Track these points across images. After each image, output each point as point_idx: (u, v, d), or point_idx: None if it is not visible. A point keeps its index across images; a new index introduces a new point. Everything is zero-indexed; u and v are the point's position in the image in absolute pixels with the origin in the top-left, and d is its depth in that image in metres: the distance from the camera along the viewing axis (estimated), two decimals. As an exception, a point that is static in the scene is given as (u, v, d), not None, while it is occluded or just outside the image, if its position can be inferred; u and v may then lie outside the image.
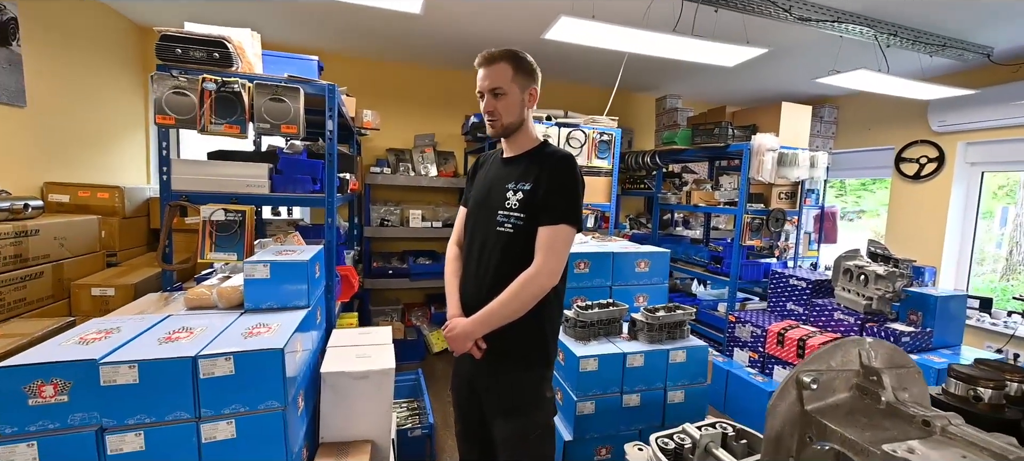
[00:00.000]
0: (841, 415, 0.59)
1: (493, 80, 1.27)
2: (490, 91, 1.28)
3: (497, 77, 1.27)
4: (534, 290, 1.23)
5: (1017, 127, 3.48)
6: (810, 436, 0.59)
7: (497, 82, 1.26)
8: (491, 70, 1.27)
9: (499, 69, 1.27)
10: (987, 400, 0.99)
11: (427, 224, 3.89)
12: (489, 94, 1.28)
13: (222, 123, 1.60)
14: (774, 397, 0.60)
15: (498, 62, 1.27)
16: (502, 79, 1.26)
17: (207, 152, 1.99)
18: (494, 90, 1.27)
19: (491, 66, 1.27)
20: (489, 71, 1.27)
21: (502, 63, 1.27)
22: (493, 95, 1.28)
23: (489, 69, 1.27)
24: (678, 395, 1.87)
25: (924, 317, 2.63)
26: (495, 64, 1.27)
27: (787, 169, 3.08)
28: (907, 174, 4.18)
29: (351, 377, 1.50)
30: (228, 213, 1.65)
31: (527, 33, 3.14)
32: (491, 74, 1.27)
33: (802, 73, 3.82)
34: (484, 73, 1.29)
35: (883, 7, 2.64)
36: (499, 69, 1.27)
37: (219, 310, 1.47)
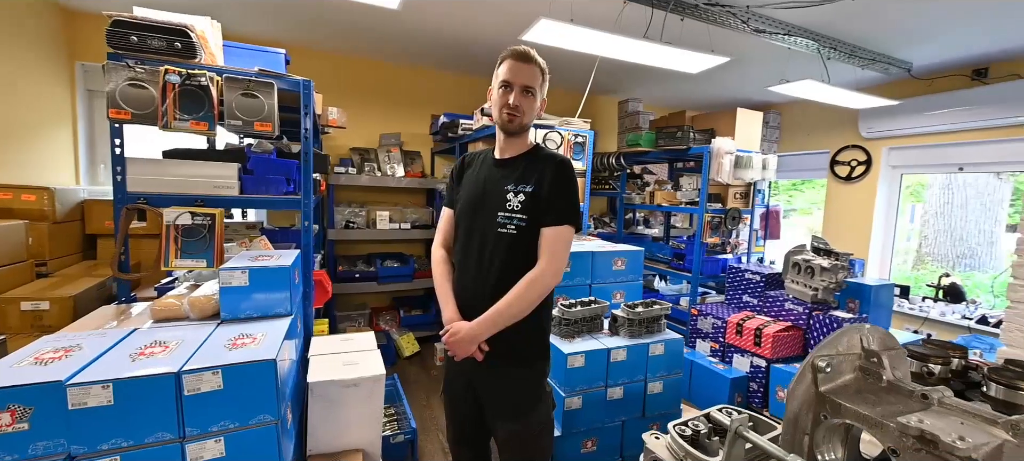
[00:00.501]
0: (850, 394, 0.65)
1: (528, 79, 1.27)
2: (522, 87, 1.27)
3: (531, 77, 1.28)
4: (540, 290, 1.25)
5: (929, 134, 3.94)
6: (824, 414, 0.65)
7: (531, 82, 1.28)
8: (527, 68, 1.28)
9: (534, 70, 1.28)
10: (937, 374, 1.13)
11: (395, 225, 3.79)
12: (519, 90, 1.27)
13: (188, 119, 1.48)
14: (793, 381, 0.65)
15: (534, 63, 1.28)
16: (535, 80, 1.29)
17: (163, 151, 1.84)
18: (527, 88, 1.28)
19: (527, 64, 1.28)
20: (525, 68, 1.28)
21: (536, 66, 1.29)
22: (523, 92, 1.28)
23: (525, 66, 1.28)
24: (657, 386, 1.96)
25: (860, 304, 2.91)
26: (531, 64, 1.28)
27: (742, 171, 3.30)
28: (840, 176, 4.60)
29: (341, 386, 1.44)
30: (195, 217, 1.52)
31: (504, 34, 3.16)
32: (527, 72, 1.28)
33: (755, 81, 4.10)
34: (518, 68, 1.27)
35: (826, 24, 2.89)
36: (534, 70, 1.28)
37: (192, 322, 1.36)
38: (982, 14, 2.71)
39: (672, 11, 2.58)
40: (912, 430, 0.55)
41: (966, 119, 3.65)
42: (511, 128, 1.32)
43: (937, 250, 6.20)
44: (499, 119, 1.33)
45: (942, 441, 0.52)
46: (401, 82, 4.18)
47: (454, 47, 3.57)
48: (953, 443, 0.51)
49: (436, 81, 4.31)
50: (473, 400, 1.44)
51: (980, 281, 5.39)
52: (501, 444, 1.36)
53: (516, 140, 1.35)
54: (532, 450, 1.34)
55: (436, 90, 4.33)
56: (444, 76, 4.34)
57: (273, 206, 1.75)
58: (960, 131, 3.76)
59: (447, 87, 4.36)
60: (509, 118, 1.31)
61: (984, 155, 3.76)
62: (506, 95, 1.29)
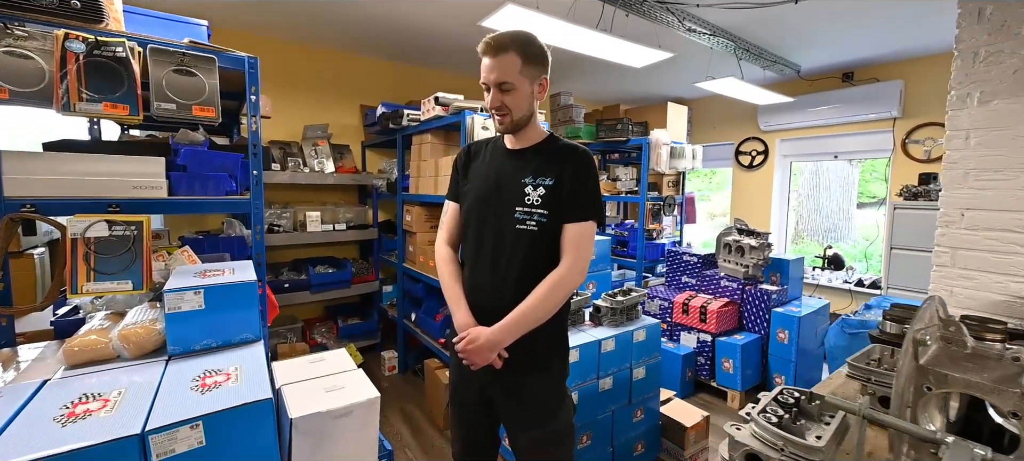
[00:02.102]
0: (945, 364, 0.69)
1: (500, 73, 1.15)
2: (497, 85, 1.16)
3: (505, 70, 1.15)
4: (566, 291, 1.17)
5: (810, 128, 4.61)
6: (927, 386, 0.69)
7: (505, 75, 1.15)
8: (498, 61, 1.15)
9: (507, 61, 1.14)
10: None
11: (328, 227, 3.42)
12: (495, 88, 1.16)
13: (100, 100, 1.14)
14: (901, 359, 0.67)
15: (506, 52, 1.14)
16: (510, 72, 1.15)
17: (42, 143, 1.41)
18: (501, 84, 1.15)
19: (498, 56, 1.14)
20: (495, 62, 1.15)
21: (510, 53, 1.14)
22: (500, 89, 1.16)
23: (495, 60, 1.15)
24: (640, 371, 2.01)
25: (781, 277, 3.30)
26: (502, 54, 1.14)
27: (677, 160, 3.54)
28: (743, 164, 5.19)
29: (331, 417, 1.22)
30: (114, 227, 1.18)
31: (461, 20, 2.99)
32: (498, 66, 1.15)
33: (680, 78, 4.42)
34: (490, 64, 1.15)
35: (741, 27, 3.20)
36: (507, 61, 1.14)
37: (125, 362, 1.05)
38: (851, 26, 3.21)
39: (620, 6, 2.66)
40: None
41: (838, 115, 4.34)
42: (504, 129, 1.23)
43: (810, 226, 7.36)
44: (494, 124, 1.24)
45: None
46: (325, 67, 3.78)
47: (401, 31, 3.30)
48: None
49: (366, 69, 3.97)
50: (486, 410, 1.33)
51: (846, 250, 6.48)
52: (523, 453, 1.28)
53: (527, 131, 1.25)
54: (556, 456, 1.27)
55: (366, 78, 3.99)
56: (375, 64, 4.02)
57: (215, 209, 1.44)
58: (834, 124, 4.45)
59: (377, 75, 4.05)
60: (499, 121, 1.21)
61: (852, 145, 4.50)
62: (488, 97, 1.20)
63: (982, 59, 1.63)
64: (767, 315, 3.08)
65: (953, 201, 1.72)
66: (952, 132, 1.71)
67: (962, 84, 1.67)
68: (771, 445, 0.78)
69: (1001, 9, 1.58)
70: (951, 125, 1.71)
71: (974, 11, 1.64)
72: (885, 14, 2.98)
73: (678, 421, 2.15)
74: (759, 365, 3.12)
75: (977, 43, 1.63)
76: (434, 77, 4.33)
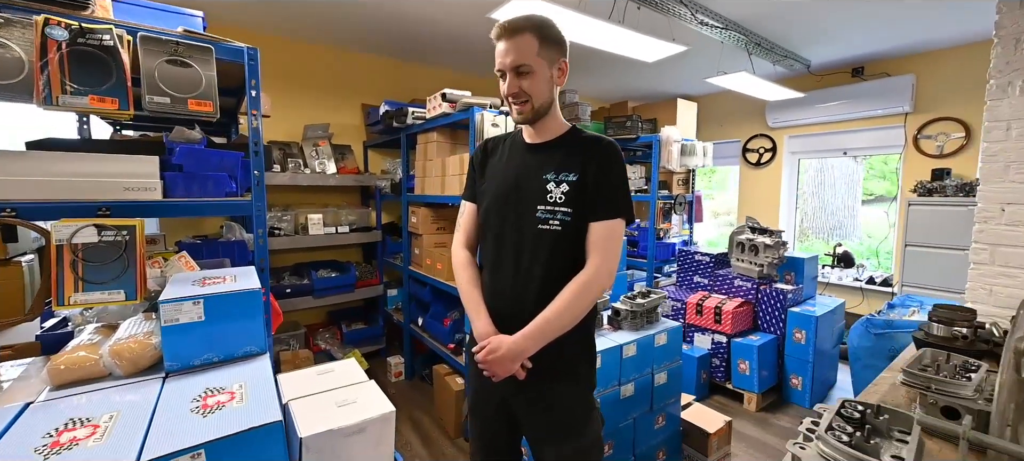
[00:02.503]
0: (1037, 376, 0.61)
1: (517, 56, 1.06)
2: (513, 69, 1.07)
3: (521, 52, 1.06)
4: (594, 295, 1.08)
5: (820, 124, 4.53)
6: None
7: (521, 58, 1.06)
8: (513, 43, 1.06)
9: (522, 42, 1.06)
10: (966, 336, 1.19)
11: (330, 230, 3.32)
12: (512, 73, 1.07)
13: (85, 92, 1.04)
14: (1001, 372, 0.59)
15: (521, 33, 1.06)
16: (527, 54, 1.06)
17: (25, 142, 1.31)
18: (518, 68, 1.07)
19: (512, 39, 1.06)
20: (510, 45, 1.06)
21: (526, 35, 1.06)
22: (517, 73, 1.07)
23: (510, 42, 1.06)
24: (662, 377, 1.92)
25: (796, 276, 3.21)
26: (517, 36, 1.06)
27: (687, 158, 3.45)
28: (751, 162, 5.11)
29: (343, 435, 1.13)
30: (104, 232, 1.09)
31: (467, 11, 2.90)
32: (513, 48, 1.06)
33: (689, 74, 4.33)
34: (505, 47, 1.07)
35: (754, 21, 3.12)
36: (522, 42, 1.06)
37: (118, 380, 0.96)
38: (862, 20, 3.13)
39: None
40: None
41: (848, 110, 4.26)
42: (524, 119, 1.13)
43: (815, 224, 7.29)
44: (512, 115, 1.15)
45: None
46: (326, 65, 3.68)
47: (407, 27, 3.21)
48: None
49: (367, 66, 3.87)
50: (507, 422, 1.24)
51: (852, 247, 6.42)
52: (550, 470, 1.18)
53: (547, 122, 1.16)
54: (585, 472, 1.18)
55: (367, 77, 3.89)
56: (377, 61, 3.92)
57: (213, 211, 1.34)
58: (843, 120, 4.37)
59: (379, 73, 3.95)
60: (518, 110, 1.12)
61: (862, 141, 4.42)
62: (503, 84, 1.11)
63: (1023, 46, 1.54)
64: (783, 315, 2.99)
65: (992, 196, 1.63)
66: (991, 123, 1.63)
67: (1003, 72, 1.59)
68: (847, 470, 0.69)
69: (1045, -8, 1.49)
70: (990, 116, 1.63)
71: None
72: (896, 7, 2.90)
73: (700, 427, 2.07)
74: (775, 366, 3.03)
75: (1019, 28, 1.55)
76: (438, 75, 4.24)
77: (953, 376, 1.05)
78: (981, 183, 1.66)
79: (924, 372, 1.08)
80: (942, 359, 1.15)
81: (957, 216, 3.29)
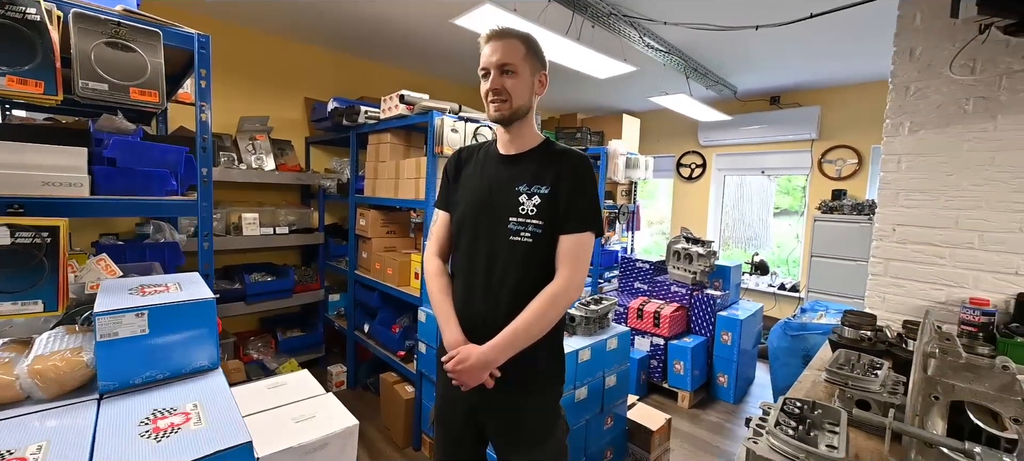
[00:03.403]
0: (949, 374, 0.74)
1: (503, 55, 1.10)
2: (498, 66, 1.10)
3: (508, 52, 1.10)
4: (563, 306, 1.12)
5: (743, 145, 5.01)
6: (935, 396, 0.73)
7: (508, 58, 1.10)
8: (502, 44, 1.10)
9: (511, 44, 1.11)
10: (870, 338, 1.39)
11: (267, 230, 3.09)
12: (496, 70, 1.10)
13: (3, 73, 0.90)
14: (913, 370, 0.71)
15: (510, 38, 1.11)
16: (514, 55, 1.11)
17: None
18: (503, 66, 1.10)
19: (502, 40, 1.10)
20: (499, 45, 1.10)
21: (514, 40, 1.11)
22: (501, 71, 1.10)
23: (499, 43, 1.10)
24: (612, 379, 2.02)
25: (723, 283, 3.52)
26: (506, 39, 1.11)
27: (632, 170, 3.66)
28: (684, 176, 5.52)
29: (304, 452, 1.07)
30: (19, 233, 0.94)
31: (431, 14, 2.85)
32: (502, 48, 1.10)
33: (634, 92, 4.58)
34: (493, 46, 1.10)
35: (692, 47, 3.39)
36: (511, 44, 1.11)
37: (38, 404, 0.83)
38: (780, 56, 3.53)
39: (588, 17, 2.69)
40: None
41: (766, 134, 4.76)
42: (500, 117, 1.15)
43: (735, 235, 8.03)
44: (488, 113, 1.17)
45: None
46: (267, 56, 3.44)
47: (365, 22, 3.08)
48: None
49: (313, 59, 3.67)
50: (474, 432, 1.25)
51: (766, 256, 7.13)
52: (517, 477, 1.21)
53: (522, 133, 1.19)
54: (549, 477, 1.22)
55: (312, 70, 3.69)
56: (324, 54, 3.73)
57: (153, 211, 1.22)
58: (762, 143, 4.88)
59: (326, 67, 3.76)
60: (496, 108, 1.14)
61: (776, 162, 4.96)
62: (486, 83, 1.14)
63: (912, 93, 1.83)
64: (713, 319, 3.27)
65: (887, 217, 1.92)
66: (887, 156, 1.91)
67: (896, 115, 1.88)
68: (791, 457, 0.78)
69: (928, 51, 1.79)
70: (886, 150, 1.91)
71: (906, 50, 1.84)
72: (808, 46, 3.31)
73: (644, 425, 2.20)
74: (705, 366, 3.30)
75: (908, 79, 1.84)
76: (389, 73, 4.12)
77: (863, 373, 1.22)
78: (878, 207, 1.95)
79: (842, 371, 1.25)
80: (854, 358, 1.34)
81: (852, 231, 3.81)
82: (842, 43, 3.19)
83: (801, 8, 2.24)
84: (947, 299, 1.80)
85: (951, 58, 1.73)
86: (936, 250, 1.82)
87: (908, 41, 1.85)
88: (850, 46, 3.23)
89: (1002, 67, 1.67)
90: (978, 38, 1.66)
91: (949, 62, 1.73)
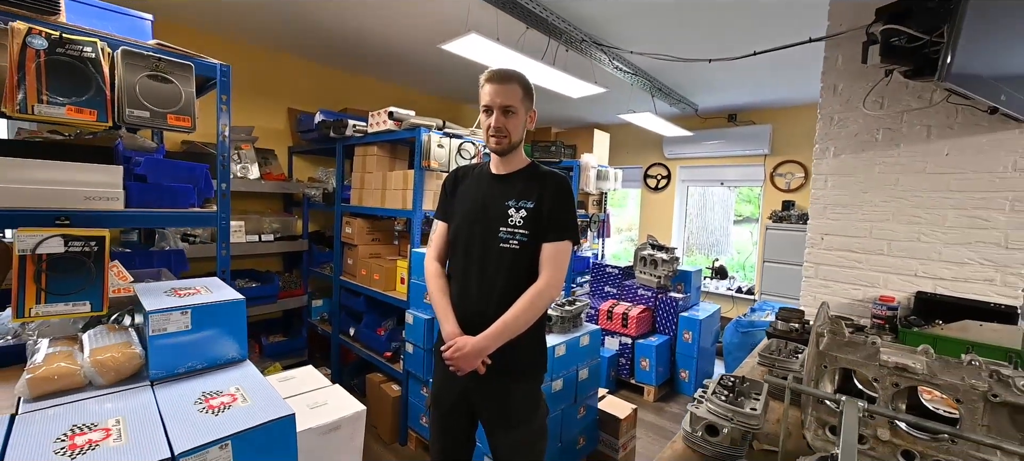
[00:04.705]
0: (834, 348, 0.98)
1: (506, 98, 1.30)
2: (501, 108, 1.30)
3: (510, 96, 1.30)
4: (545, 303, 1.33)
5: (704, 158, 5.40)
6: (825, 365, 0.97)
7: (510, 101, 1.30)
8: (505, 88, 1.30)
9: (512, 89, 1.30)
10: (797, 330, 1.67)
11: (253, 238, 3.18)
12: (499, 111, 1.30)
13: (62, 103, 1.04)
14: (809, 346, 0.95)
15: (511, 82, 1.31)
16: (514, 98, 1.31)
17: (-54, 139, 1.21)
18: (506, 108, 1.30)
19: (504, 84, 1.30)
20: (503, 88, 1.30)
21: (514, 83, 1.31)
22: (504, 112, 1.30)
23: (502, 87, 1.30)
24: (584, 372, 2.24)
25: (685, 286, 3.83)
26: (508, 83, 1.30)
27: (602, 182, 3.93)
28: (651, 186, 5.87)
29: (319, 433, 1.24)
30: (72, 242, 1.07)
31: (420, 38, 3.03)
32: (505, 92, 1.30)
33: (604, 108, 4.89)
34: (496, 89, 1.29)
35: (656, 70, 3.71)
36: (512, 89, 1.30)
37: (99, 389, 0.97)
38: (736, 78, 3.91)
39: (562, 42, 2.94)
40: (890, 364, 0.89)
41: (724, 149, 5.17)
42: (500, 150, 1.36)
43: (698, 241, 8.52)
44: (488, 145, 1.37)
45: (909, 367, 0.87)
46: (252, 67, 3.52)
47: (348, 41, 3.23)
48: (913, 366, 0.87)
49: (296, 71, 3.78)
50: (465, 413, 1.43)
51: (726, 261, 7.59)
52: (502, 452, 1.40)
53: (512, 158, 1.40)
54: (530, 454, 1.42)
55: (296, 81, 3.79)
56: (307, 66, 3.83)
57: (179, 223, 1.35)
58: (721, 156, 5.28)
59: (309, 79, 3.87)
60: (496, 142, 1.35)
61: (734, 174, 5.37)
62: (488, 119, 1.34)
63: (835, 123, 2.16)
64: (675, 319, 3.56)
65: (816, 228, 2.24)
66: (816, 175, 2.24)
67: (822, 141, 2.20)
68: (723, 417, 1.02)
69: (848, 87, 2.12)
70: (816, 170, 2.23)
71: (831, 86, 2.17)
72: (763, 72, 3.69)
73: (613, 415, 2.43)
74: (669, 362, 3.59)
75: (832, 110, 2.17)
76: (372, 87, 4.25)
77: (788, 357, 1.50)
78: (810, 218, 2.27)
79: (771, 355, 1.52)
80: (783, 345, 1.61)
81: (798, 239, 4.21)
82: (786, 71, 3.57)
83: (746, 46, 2.56)
84: (864, 297, 2.12)
85: (865, 95, 2.06)
86: (855, 256, 2.14)
87: (832, 79, 2.18)
88: (794, 73, 3.62)
89: (903, 105, 2.01)
90: (883, 80, 1.99)
91: (863, 99, 2.06)
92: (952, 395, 0.90)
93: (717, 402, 1.04)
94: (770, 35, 2.71)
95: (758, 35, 2.76)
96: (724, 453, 1.04)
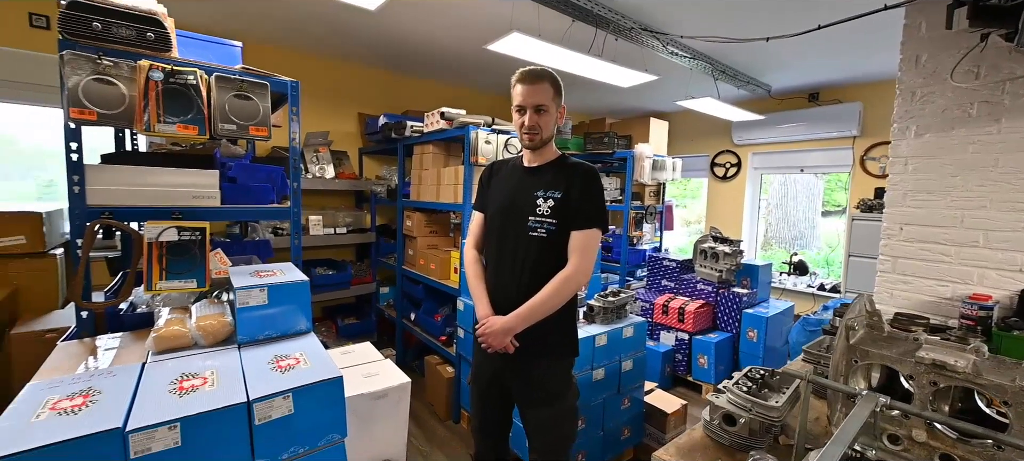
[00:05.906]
0: (868, 344, 0.94)
1: (538, 98, 1.37)
2: (534, 107, 1.38)
3: (542, 95, 1.38)
4: (572, 288, 1.39)
5: (780, 143, 4.98)
6: (855, 360, 0.93)
7: (542, 100, 1.38)
8: (536, 88, 1.37)
9: (543, 88, 1.38)
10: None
11: (329, 230, 3.56)
12: (532, 110, 1.38)
13: (174, 122, 1.30)
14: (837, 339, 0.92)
15: (542, 81, 1.38)
16: (546, 97, 1.38)
17: (101, 156, 1.56)
18: (539, 106, 1.38)
19: (536, 84, 1.38)
20: (534, 89, 1.37)
21: (545, 83, 1.39)
22: (536, 111, 1.38)
23: (534, 87, 1.37)
24: (628, 364, 2.25)
25: (751, 281, 3.61)
26: (539, 83, 1.38)
27: (658, 172, 3.82)
28: (718, 175, 5.55)
29: (370, 398, 1.42)
30: (183, 232, 1.34)
31: (467, 40, 3.21)
32: (537, 92, 1.37)
33: (662, 95, 4.72)
34: (528, 90, 1.38)
35: (718, 51, 3.51)
36: (543, 88, 1.38)
37: (201, 349, 1.22)
38: (816, 55, 3.57)
39: (610, 31, 2.91)
40: (926, 360, 0.84)
41: (804, 132, 4.72)
42: (532, 146, 1.44)
43: (778, 234, 7.84)
44: (520, 140, 1.45)
45: (947, 363, 0.82)
46: (325, 76, 3.92)
47: (414, 49, 3.50)
48: (954, 364, 0.81)
49: (364, 78, 4.13)
50: (498, 392, 1.54)
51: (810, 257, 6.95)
52: (532, 428, 1.49)
53: (543, 151, 1.47)
54: (559, 432, 1.49)
55: (364, 87, 4.14)
56: (374, 73, 4.17)
57: (260, 217, 1.61)
58: (801, 141, 4.84)
59: (375, 84, 4.20)
60: (529, 138, 1.43)
61: (817, 160, 4.90)
62: (521, 117, 1.42)
63: (918, 98, 1.94)
64: (738, 316, 3.38)
65: (894, 217, 2.03)
66: (894, 158, 2.02)
67: (903, 119, 1.98)
68: (742, 407, 1.02)
69: (933, 58, 1.89)
70: (893, 153, 2.02)
71: (912, 57, 1.95)
72: (846, 44, 3.34)
73: (660, 408, 2.41)
74: (731, 361, 3.42)
75: (914, 84, 1.94)
76: (430, 88, 4.52)
77: (837, 354, 1.41)
78: (886, 207, 2.06)
79: (817, 351, 1.44)
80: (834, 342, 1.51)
81: (890, 231, 3.76)
82: (874, 41, 3.19)
83: (810, 20, 2.36)
84: (952, 295, 1.89)
85: (954, 65, 1.82)
86: (941, 248, 1.91)
87: (914, 49, 1.95)
88: (884, 43, 3.22)
89: (1005, 73, 1.75)
90: (978, 46, 1.75)
91: (951, 69, 1.82)
92: (999, 397, 0.83)
93: (738, 392, 1.04)
94: (837, 4, 2.46)
95: (821, 5, 2.51)
96: (742, 443, 1.04)
